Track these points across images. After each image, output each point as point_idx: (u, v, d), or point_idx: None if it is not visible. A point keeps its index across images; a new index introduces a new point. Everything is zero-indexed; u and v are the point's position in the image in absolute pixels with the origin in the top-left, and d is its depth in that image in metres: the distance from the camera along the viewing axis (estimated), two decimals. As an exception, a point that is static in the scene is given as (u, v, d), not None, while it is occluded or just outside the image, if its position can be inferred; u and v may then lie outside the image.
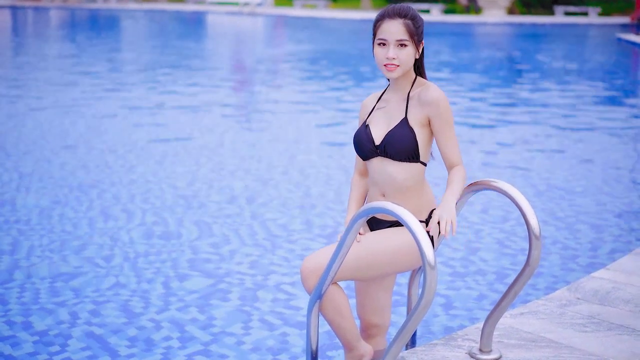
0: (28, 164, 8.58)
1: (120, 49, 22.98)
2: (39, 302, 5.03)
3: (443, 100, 3.18)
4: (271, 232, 6.49)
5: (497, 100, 13.90)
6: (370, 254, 3.22)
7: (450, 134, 3.21)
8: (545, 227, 6.63)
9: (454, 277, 5.55)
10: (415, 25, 3.21)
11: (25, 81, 15.32)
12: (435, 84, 3.26)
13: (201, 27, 33.01)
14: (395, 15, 3.20)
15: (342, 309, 3.27)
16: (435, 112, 3.18)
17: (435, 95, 3.18)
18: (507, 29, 31.82)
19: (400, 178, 3.26)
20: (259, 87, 15.65)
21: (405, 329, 3.06)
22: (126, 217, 6.81)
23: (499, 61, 20.51)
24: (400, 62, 3.21)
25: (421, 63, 3.33)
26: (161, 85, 15.08)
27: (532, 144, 10.00)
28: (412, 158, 3.24)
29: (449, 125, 3.19)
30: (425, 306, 2.97)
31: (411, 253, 3.25)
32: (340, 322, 3.30)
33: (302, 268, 3.27)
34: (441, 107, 3.18)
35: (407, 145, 3.22)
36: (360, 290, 3.52)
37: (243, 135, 10.48)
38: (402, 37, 3.19)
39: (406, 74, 3.28)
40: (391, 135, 3.24)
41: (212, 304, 5.06)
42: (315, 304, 3.33)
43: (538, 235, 3.27)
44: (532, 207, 3.26)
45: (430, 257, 2.92)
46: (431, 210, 3.30)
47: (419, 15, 3.27)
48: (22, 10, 43.13)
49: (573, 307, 4.06)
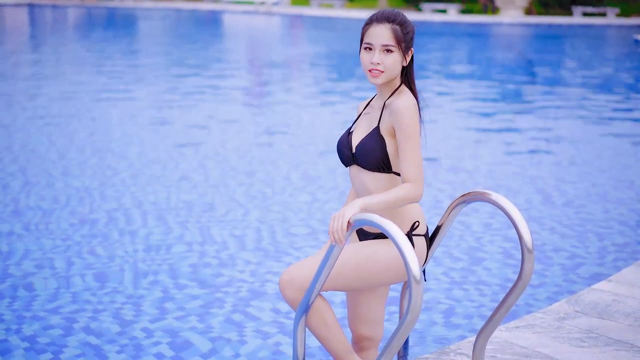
0: (29, 167, 8.56)
1: (134, 48, 22.98)
2: (32, 308, 4.98)
3: (407, 110, 3.03)
4: (275, 239, 6.42)
5: (507, 103, 13.77)
6: (353, 265, 3.14)
7: (408, 147, 3.04)
8: (551, 235, 6.52)
9: (453, 285, 5.46)
10: (404, 31, 3.11)
11: (42, 78, 15.34)
12: (410, 94, 3.12)
13: (216, 26, 33.00)
14: (384, 20, 3.11)
15: (326, 319, 3.20)
16: (397, 122, 3.05)
17: (400, 104, 3.05)
18: (522, 29, 31.60)
19: (373, 188, 3.18)
20: (271, 89, 15.58)
21: (390, 345, 2.98)
22: (126, 221, 6.77)
23: (509, 62, 20.34)
24: (385, 67, 3.11)
25: (410, 71, 3.21)
26: (171, 86, 15.05)
27: (542, 149, 9.87)
28: (383, 168, 3.14)
29: (408, 138, 3.03)
30: (411, 322, 2.89)
31: (395, 266, 3.16)
32: (327, 334, 3.23)
33: (279, 279, 3.20)
34: (404, 117, 3.03)
35: (376, 155, 3.12)
36: (351, 301, 3.44)
37: (251, 137, 10.41)
38: (388, 42, 3.09)
39: (392, 81, 3.18)
40: (362, 144, 3.16)
41: (210, 312, 5.00)
42: (301, 318, 3.25)
43: (531, 249, 3.18)
44: (524, 219, 3.17)
45: (416, 271, 2.84)
46: (413, 222, 3.18)
47: (410, 22, 3.17)
48: (39, 8, 43.31)
49: (571, 320, 3.97)
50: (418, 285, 2.84)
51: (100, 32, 28.72)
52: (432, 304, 5.14)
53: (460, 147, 9.88)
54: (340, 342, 3.27)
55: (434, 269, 5.75)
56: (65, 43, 24.20)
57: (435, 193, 7.71)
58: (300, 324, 3.27)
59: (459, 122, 11.71)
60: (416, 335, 4.69)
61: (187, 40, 25.62)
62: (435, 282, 5.54)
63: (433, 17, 34.78)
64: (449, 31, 29.78)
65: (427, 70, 18.18)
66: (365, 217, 2.95)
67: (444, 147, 9.85)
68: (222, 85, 15.38)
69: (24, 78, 15.77)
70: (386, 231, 2.85)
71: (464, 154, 9.49)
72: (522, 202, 7.46)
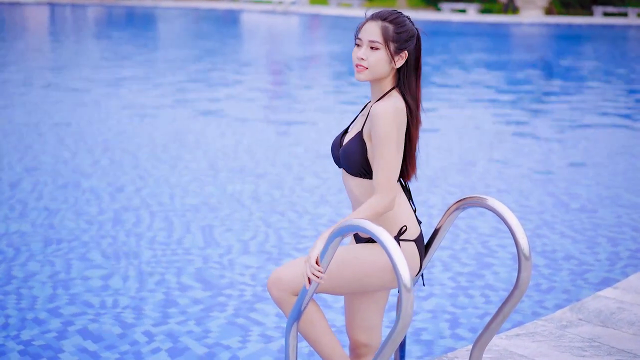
0: (30, 156, 8.56)
1: (152, 47, 23.00)
2: (35, 308, 4.95)
3: (383, 115, 2.93)
4: (282, 240, 6.36)
5: (523, 104, 13.64)
6: (339, 269, 3.08)
7: (377, 154, 2.94)
8: (562, 240, 6.42)
9: (457, 290, 5.38)
10: (396, 32, 3.01)
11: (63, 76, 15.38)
12: (396, 99, 3.00)
13: (233, 26, 33.00)
14: (377, 17, 3.04)
15: (315, 322, 3.15)
16: (372, 127, 2.96)
17: (377, 108, 2.95)
18: (542, 29, 31.36)
19: (357, 192, 3.11)
20: (286, 89, 15.53)
21: (381, 354, 2.91)
22: (135, 221, 6.74)
23: (526, 63, 20.18)
24: (369, 64, 3.02)
25: (405, 76, 3.06)
26: (184, 87, 15.04)
27: (556, 151, 9.75)
28: (363, 174, 3.07)
29: (380, 144, 2.93)
30: (402, 330, 2.83)
31: (382, 271, 3.08)
32: (316, 336, 3.18)
33: (267, 279, 3.16)
34: (378, 122, 2.93)
35: (356, 159, 3.05)
36: (348, 307, 3.37)
37: (263, 138, 10.37)
38: (375, 39, 3.01)
39: (381, 83, 3.08)
40: (344, 148, 3.10)
41: (211, 315, 4.95)
42: (293, 325, 3.20)
43: (528, 255, 3.11)
44: (522, 225, 3.09)
45: (406, 278, 2.77)
46: (400, 227, 3.10)
47: (409, 25, 3.05)
48: (60, 7, 43.52)
49: (574, 328, 3.88)
50: (408, 293, 2.78)
51: (119, 31, 28.79)
52: (437, 312, 5.07)
53: (473, 149, 9.78)
54: (332, 346, 3.21)
55: (441, 275, 5.67)
56: (84, 41, 24.27)
57: (445, 195, 7.63)
58: (292, 330, 3.22)
59: (472, 122, 11.60)
60: (422, 341, 4.62)
61: (204, 39, 25.63)
62: (440, 287, 5.46)
63: (452, 17, 34.61)
64: (467, 31, 29.62)
65: (442, 70, 18.07)
66: (356, 224, 2.88)
67: (457, 149, 9.76)
68: (238, 84, 15.35)
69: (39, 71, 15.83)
70: (376, 237, 2.79)
71: (476, 156, 9.39)
72: (534, 205, 7.36)
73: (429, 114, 12.15)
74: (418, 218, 3.19)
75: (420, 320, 4.92)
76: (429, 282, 5.49)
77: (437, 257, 5.97)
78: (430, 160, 9.12)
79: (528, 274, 3.11)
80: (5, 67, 17.27)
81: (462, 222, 6.78)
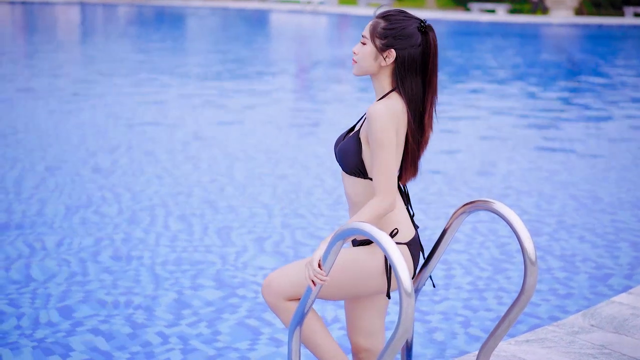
0: (51, 155, 8.61)
1: (178, 46, 23.10)
2: (48, 306, 4.98)
3: (376, 117, 2.88)
4: (298, 241, 6.34)
5: (548, 106, 13.50)
6: (336, 273, 3.05)
7: (375, 156, 2.91)
8: (581, 244, 6.34)
9: (472, 294, 5.32)
10: (384, 27, 2.95)
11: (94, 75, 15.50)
12: (393, 100, 2.94)
13: (262, 25, 33.06)
14: (377, 15, 3.02)
15: (315, 328, 3.13)
16: (368, 128, 2.93)
17: (371, 110, 2.91)
18: (571, 30, 31.07)
19: (351, 192, 3.09)
20: (310, 90, 15.52)
21: (382, 359, 2.87)
22: (151, 221, 6.75)
23: (552, 63, 19.99)
24: (358, 58, 3.01)
25: (399, 77, 2.97)
26: (207, 86, 15.08)
27: (578, 153, 9.64)
28: (358, 173, 3.03)
29: (376, 146, 2.89)
30: (402, 335, 2.79)
31: (378, 275, 3.04)
32: (315, 339, 3.15)
33: (262, 284, 3.15)
34: (371, 123, 2.89)
35: (350, 159, 3.02)
36: (347, 312, 3.35)
37: (285, 139, 10.36)
38: (364, 34, 3.00)
39: (381, 84, 3.02)
40: (341, 147, 3.07)
41: (222, 317, 4.94)
42: (295, 329, 3.17)
43: (534, 261, 3.06)
44: (528, 230, 3.04)
45: (407, 283, 2.73)
46: (392, 230, 3.05)
47: (402, 23, 2.96)
48: (90, 6, 43.87)
49: (585, 334, 3.82)
50: (409, 298, 2.74)
51: (148, 30, 28.96)
52: (450, 315, 5.02)
53: (494, 150, 9.70)
54: (331, 348, 3.19)
55: (462, 279, 5.62)
56: (114, 40, 24.42)
57: (464, 198, 7.56)
58: (295, 334, 3.19)
59: (494, 123, 11.51)
60: (435, 345, 4.58)
61: (231, 38, 25.69)
62: (456, 291, 5.41)
63: (481, 17, 34.40)
64: (495, 31, 29.41)
65: (466, 70, 17.96)
66: (356, 226, 2.85)
67: (478, 150, 9.68)
68: (263, 85, 15.36)
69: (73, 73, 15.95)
70: (376, 240, 2.76)
71: (498, 157, 9.31)
72: (555, 209, 7.27)
73: (451, 114, 12.07)
74: (414, 222, 3.15)
75: (435, 321, 4.87)
76: (445, 285, 5.45)
77: (456, 261, 5.92)
78: (451, 161, 9.06)
79: (534, 279, 3.06)
80: (28, 63, 17.44)
81: (483, 226, 6.72)
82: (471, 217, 6.91)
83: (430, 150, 9.55)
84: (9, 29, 28.89)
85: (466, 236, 6.48)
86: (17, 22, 32.37)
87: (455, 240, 6.36)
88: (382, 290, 3.09)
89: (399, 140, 2.97)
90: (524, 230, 3.07)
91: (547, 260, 5.96)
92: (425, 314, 4.99)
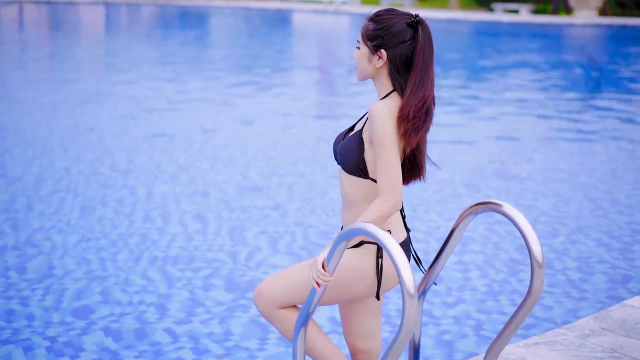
0: (66, 159, 8.66)
1: (200, 46, 23.17)
2: (61, 306, 5.00)
3: (376, 116, 2.85)
4: (311, 241, 6.34)
5: (568, 107, 13.40)
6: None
7: (378, 156, 2.87)
8: (598, 247, 6.28)
9: (486, 296, 5.29)
10: (373, 29, 2.93)
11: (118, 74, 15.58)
12: (393, 100, 2.90)
13: (284, 25, 33.08)
14: (369, 17, 3.00)
15: (314, 334, 3.12)
16: (370, 128, 2.89)
17: (371, 108, 2.87)
18: (594, 30, 30.83)
19: (349, 191, 3.06)
20: (330, 90, 15.50)
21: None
22: (163, 221, 6.77)
23: (574, 64, 19.84)
24: (356, 63, 3.02)
25: (394, 77, 2.93)
26: (227, 84, 15.11)
27: (598, 154, 9.56)
28: (358, 172, 3.01)
29: (378, 145, 2.86)
30: (405, 337, 2.77)
31: (367, 277, 3.02)
32: (319, 348, 3.14)
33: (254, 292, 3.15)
34: (373, 123, 2.86)
35: (351, 158, 2.99)
36: (343, 315, 3.32)
37: (303, 138, 10.35)
38: (358, 38, 3.00)
39: (383, 85, 2.99)
40: (342, 145, 3.04)
41: (233, 316, 4.94)
42: (300, 330, 3.16)
43: (541, 263, 3.03)
44: (535, 232, 3.01)
45: (410, 285, 2.71)
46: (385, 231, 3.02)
47: (391, 22, 2.91)
48: (114, 6, 44.15)
49: (595, 338, 3.78)
50: (412, 300, 2.72)
51: (171, 29, 29.08)
52: (462, 317, 4.99)
53: (514, 151, 9.64)
54: (329, 349, 3.17)
55: (477, 281, 5.58)
56: (135, 39, 24.54)
57: (480, 199, 7.51)
58: (299, 336, 3.18)
59: (513, 125, 11.44)
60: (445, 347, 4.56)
61: (253, 38, 25.73)
62: (470, 292, 5.38)
63: (503, 18, 34.23)
64: (518, 32, 29.24)
65: (486, 70, 17.87)
66: (359, 227, 2.83)
67: (496, 151, 9.62)
68: (283, 84, 15.37)
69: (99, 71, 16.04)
70: (380, 241, 2.73)
71: (518, 159, 9.25)
72: (572, 211, 7.21)
73: (471, 114, 12.01)
74: (406, 224, 3.13)
75: (446, 324, 4.85)
76: (459, 288, 5.42)
77: (472, 262, 5.89)
78: (469, 162, 9.01)
79: (541, 282, 3.03)
80: (53, 59, 17.56)
81: (500, 227, 6.69)
82: (488, 217, 6.87)
83: (448, 150, 9.52)
84: (33, 29, 29.12)
85: (482, 237, 6.44)
86: (42, 22, 32.62)
87: (471, 240, 6.33)
88: (372, 292, 3.06)
89: (400, 142, 2.95)
90: (531, 232, 3.04)
91: (564, 262, 5.91)
92: (436, 317, 4.96)
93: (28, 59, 18.85)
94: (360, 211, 3.04)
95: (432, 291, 5.27)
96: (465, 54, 22.09)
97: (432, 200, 7.44)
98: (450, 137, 10.43)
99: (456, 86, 15.52)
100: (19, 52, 20.70)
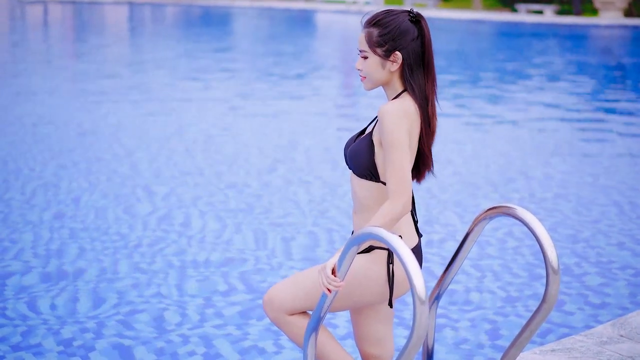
0: (90, 153, 8.67)
1: (224, 46, 23.20)
2: (77, 305, 5.00)
3: (387, 118, 2.81)
4: (332, 244, 6.29)
5: (591, 108, 13.26)
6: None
7: (388, 158, 2.83)
8: (621, 251, 6.18)
9: (505, 302, 5.21)
10: (380, 35, 2.89)
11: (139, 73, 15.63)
12: (404, 100, 2.88)
13: (306, 25, 33.07)
14: (365, 24, 2.95)
15: (325, 340, 3.09)
16: (380, 129, 2.85)
17: (382, 109, 2.83)
18: (619, 31, 30.53)
19: (360, 195, 3.01)
20: (352, 91, 15.46)
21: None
22: (184, 221, 6.76)
23: (599, 65, 19.64)
24: (365, 73, 2.95)
25: (408, 75, 2.91)
26: (248, 84, 15.10)
27: (624, 157, 9.43)
28: (369, 176, 2.96)
29: (388, 146, 2.82)
30: (416, 344, 2.72)
31: (374, 284, 2.98)
32: (325, 350, 3.10)
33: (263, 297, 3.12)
34: (382, 123, 2.82)
35: (362, 161, 2.95)
36: (354, 320, 3.28)
37: (323, 140, 10.32)
38: (362, 48, 2.94)
39: (392, 86, 2.96)
40: (352, 148, 3.00)
41: (250, 319, 4.91)
42: (311, 335, 3.13)
43: (556, 269, 2.97)
44: (551, 238, 2.95)
45: (421, 290, 2.66)
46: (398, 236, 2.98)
47: (395, 22, 2.88)
48: (138, 6, 44.38)
49: (613, 345, 3.71)
50: (423, 306, 2.67)
51: (194, 30, 29.14)
52: (477, 321, 4.93)
53: (534, 153, 9.54)
54: (338, 353, 3.14)
55: (491, 284, 5.51)
56: (158, 39, 24.62)
57: (500, 202, 7.43)
58: (310, 340, 3.15)
59: (535, 126, 11.33)
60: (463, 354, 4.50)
61: (276, 38, 25.75)
62: (491, 296, 5.31)
63: (527, 18, 34.02)
64: (541, 32, 29.04)
65: (507, 70, 17.74)
66: (370, 231, 2.79)
67: (517, 153, 9.53)
68: (304, 85, 15.34)
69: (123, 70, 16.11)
70: (390, 245, 2.69)
71: (537, 161, 9.16)
72: (595, 215, 7.12)
73: (494, 118, 11.92)
74: (418, 230, 3.08)
75: (463, 329, 4.79)
76: (477, 292, 5.35)
77: (488, 267, 5.82)
78: (490, 164, 8.93)
79: (556, 288, 2.97)
80: (77, 61, 17.65)
81: (518, 230, 6.61)
82: (506, 221, 6.79)
83: (469, 153, 9.44)
84: (58, 29, 29.32)
85: (499, 241, 6.37)
86: (67, 22, 32.84)
87: (488, 244, 6.26)
88: (384, 299, 3.02)
89: (412, 142, 2.90)
90: (546, 237, 2.98)
91: (583, 267, 5.83)
92: (452, 321, 4.90)
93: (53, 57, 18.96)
94: (372, 215, 3.00)
95: (446, 295, 5.21)
96: (488, 55, 21.94)
97: (452, 202, 7.37)
98: (471, 138, 10.35)
99: (478, 86, 15.42)
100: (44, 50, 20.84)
